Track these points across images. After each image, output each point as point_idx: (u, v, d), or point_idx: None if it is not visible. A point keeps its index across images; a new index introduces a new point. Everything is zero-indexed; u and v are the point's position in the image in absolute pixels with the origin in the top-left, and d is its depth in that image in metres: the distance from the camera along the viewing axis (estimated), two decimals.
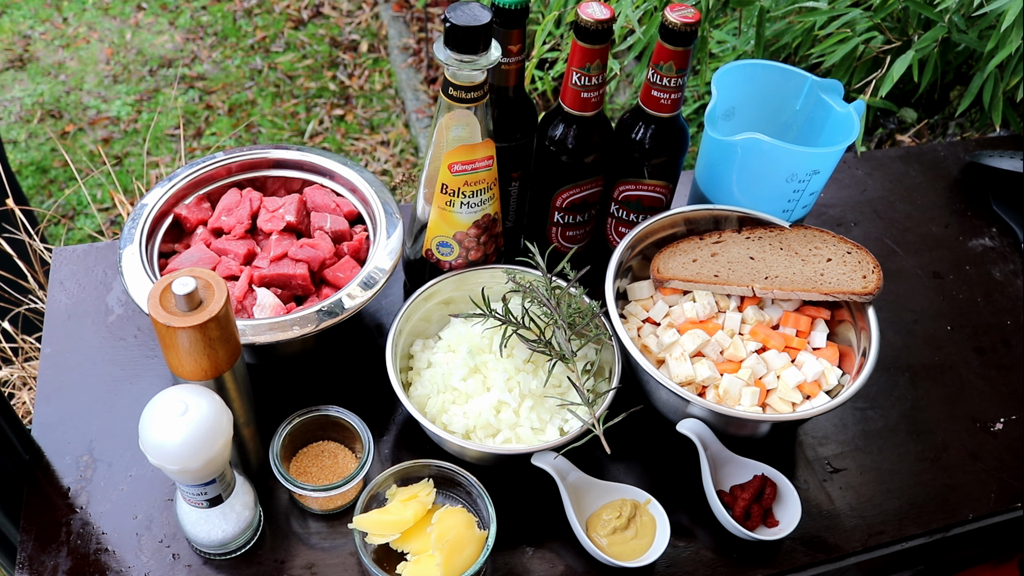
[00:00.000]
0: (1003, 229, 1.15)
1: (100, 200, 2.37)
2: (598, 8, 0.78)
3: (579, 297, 0.80)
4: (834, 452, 0.87)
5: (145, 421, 0.62)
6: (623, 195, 0.91)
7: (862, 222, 1.14)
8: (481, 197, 0.80)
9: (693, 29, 0.78)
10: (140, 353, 0.88)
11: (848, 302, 0.83)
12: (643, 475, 0.83)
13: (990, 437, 0.90)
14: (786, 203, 0.88)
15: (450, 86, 0.73)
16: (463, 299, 0.86)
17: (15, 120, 2.63)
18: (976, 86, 1.26)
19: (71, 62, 2.86)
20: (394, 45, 3.00)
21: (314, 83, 2.86)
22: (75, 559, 0.73)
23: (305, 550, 0.75)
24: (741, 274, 0.84)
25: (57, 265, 0.96)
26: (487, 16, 0.70)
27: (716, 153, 0.90)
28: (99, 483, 0.78)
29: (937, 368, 0.96)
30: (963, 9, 1.22)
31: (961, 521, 0.83)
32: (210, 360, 0.65)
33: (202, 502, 0.68)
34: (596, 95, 0.83)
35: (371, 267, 0.82)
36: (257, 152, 0.93)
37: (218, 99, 2.76)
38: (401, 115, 2.77)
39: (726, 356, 0.81)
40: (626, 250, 0.85)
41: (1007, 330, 1.01)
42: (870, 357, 0.78)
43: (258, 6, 3.17)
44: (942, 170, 1.23)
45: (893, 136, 1.73)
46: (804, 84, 0.91)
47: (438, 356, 0.81)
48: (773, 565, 0.78)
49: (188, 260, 0.84)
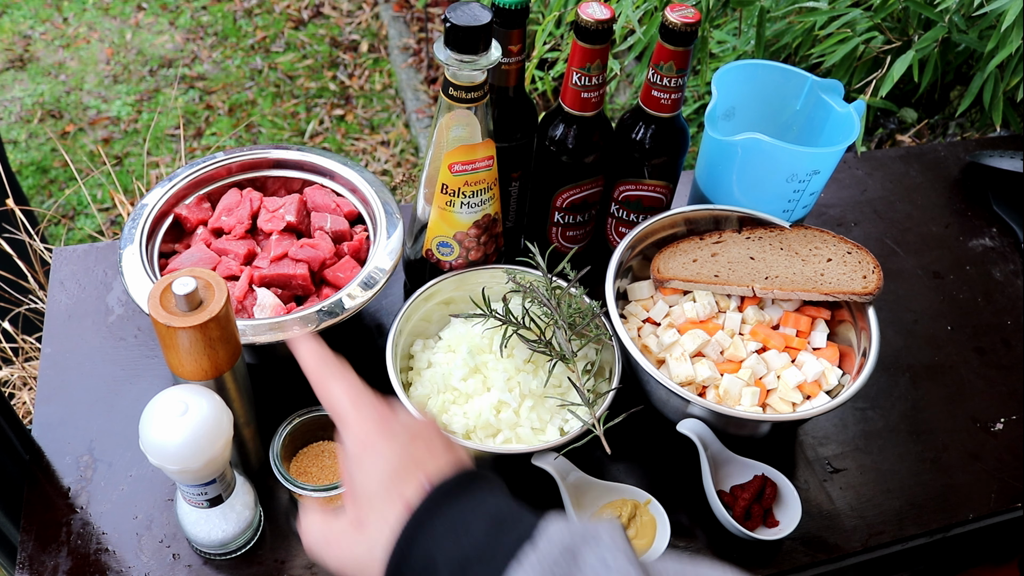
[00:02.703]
0: (1003, 229, 1.15)
1: (100, 200, 2.37)
2: (598, 8, 0.78)
3: (579, 297, 0.80)
4: (834, 452, 0.87)
5: (145, 421, 0.62)
6: (623, 195, 0.91)
7: (862, 222, 1.14)
8: (481, 197, 0.80)
9: (693, 29, 0.78)
10: (140, 353, 0.88)
11: (848, 302, 0.83)
12: (643, 475, 0.83)
13: (990, 437, 0.90)
14: (786, 203, 0.88)
15: (450, 86, 0.73)
16: (463, 299, 0.86)
17: (15, 120, 2.63)
18: (976, 86, 1.26)
19: (71, 62, 2.86)
20: (394, 45, 3.00)
21: (314, 83, 2.86)
22: (75, 559, 0.73)
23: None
24: (741, 274, 0.84)
25: (57, 265, 0.96)
26: (487, 16, 0.70)
27: (716, 153, 0.90)
28: (99, 483, 0.78)
29: (937, 368, 0.96)
30: (963, 9, 1.22)
31: (961, 521, 0.83)
32: (210, 360, 0.65)
33: (202, 502, 0.68)
34: (596, 95, 0.83)
35: (371, 267, 0.82)
36: (257, 152, 0.93)
37: (218, 99, 2.76)
38: (401, 115, 2.77)
39: (726, 356, 0.81)
40: (626, 250, 0.85)
41: (1007, 330, 1.01)
42: (870, 357, 0.78)
43: (258, 6, 3.17)
44: (942, 170, 1.23)
45: (893, 136, 1.73)
46: (804, 84, 0.91)
47: (438, 356, 0.81)
48: (773, 565, 0.78)
49: (188, 260, 0.84)
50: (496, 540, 0.42)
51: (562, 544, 0.40)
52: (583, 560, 0.39)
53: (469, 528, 0.43)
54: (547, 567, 0.39)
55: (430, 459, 0.48)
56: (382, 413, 0.50)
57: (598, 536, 0.40)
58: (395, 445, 0.48)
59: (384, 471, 0.47)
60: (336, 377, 0.52)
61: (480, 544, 0.42)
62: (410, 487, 0.46)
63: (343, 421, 0.50)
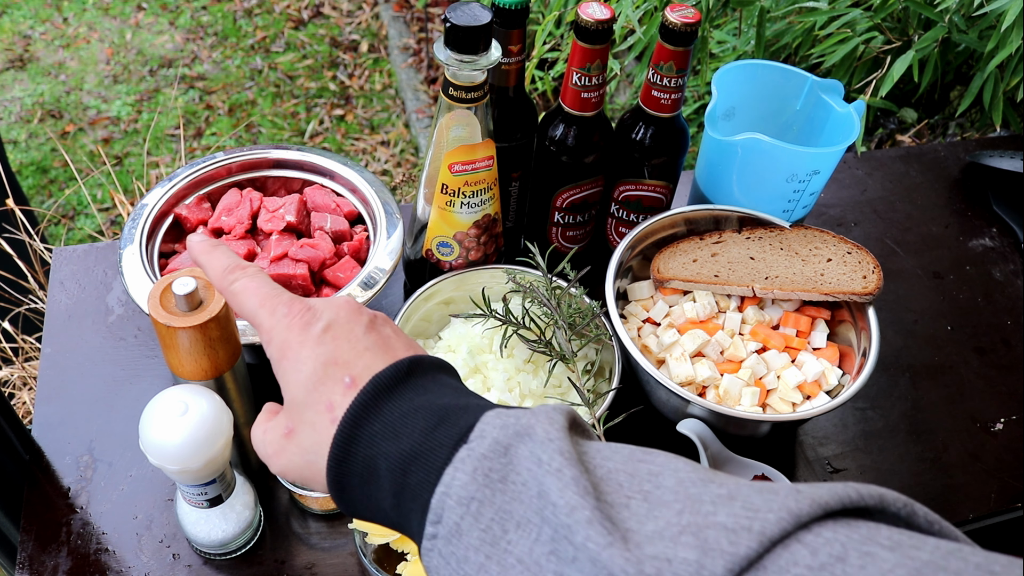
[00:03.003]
0: (1003, 229, 1.15)
1: (100, 200, 2.37)
2: (598, 8, 0.78)
3: (579, 297, 0.80)
4: (834, 452, 0.87)
5: (145, 421, 0.62)
6: (623, 195, 0.91)
7: (862, 222, 1.14)
8: (481, 197, 0.80)
9: (693, 29, 0.78)
10: (140, 353, 0.88)
11: (848, 302, 0.83)
12: None
13: (990, 437, 0.90)
14: (786, 203, 0.88)
15: (450, 86, 0.73)
16: (463, 299, 0.86)
17: (15, 120, 2.63)
18: (976, 86, 1.26)
19: (71, 62, 2.86)
20: (394, 45, 3.00)
21: (314, 83, 2.86)
22: (75, 559, 0.73)
23: (305, 550, 0.75)
24: (741, 274, 0.84)
25: (57, 265, 0.96)
26: (487, 16, 0.70)
27: (716, 153, 0.90)
28: (99, 483, 0.78)
29: (937, 368, 0.96)
30: (963, 9, 1.22)
31: (961, 521, 0.83)
32: (210, 360, 0.65)
33: (202, 502, 0.68)
34: (596, 95, 0.83)
35: (371, 267, 0.82)
36: (257, 152, 0.93)
37: (218, 99, 2.76)
38: (401, 115, 2.77)
39: (726, 356, 0.81)
40: (626, 250, 0.85)
41: (1007, 330, 1.01)
42: (870, 357, 0.78)
43: (258, 6, 3.17)
44: (942, 170, 1.23)
45: (893, 136, 1.73)
46: (804, 84, 0.91)
47: (438, 356, 0.81)
48: None
49: (188, 260, 0.84)
50: (433, 438, 0.40)
51: (495, 441, 0.38)
52: (515, 457, 0.37)
53: (408, 426, 0.40)
54: (480, 467, 0.37)
55: (355, 357, 0.44)
56: (295, 311, 0.46)
57: (531, 431, 0.38)
58: (313, 347, 0.44)
59: (304, 376, 0.44)
60: (243, 280, 0.48)
61: (418, 442, 0.40)
62: (335, 391, 0.43)
63: (258, 326, 0.47)
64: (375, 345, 0.45)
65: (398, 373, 0.43)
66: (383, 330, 0.47)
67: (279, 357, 0.46)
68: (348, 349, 0.44)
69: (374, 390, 0.42)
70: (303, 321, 0.45)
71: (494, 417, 0.40)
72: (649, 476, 0.37)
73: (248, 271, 0.49)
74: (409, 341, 0.48)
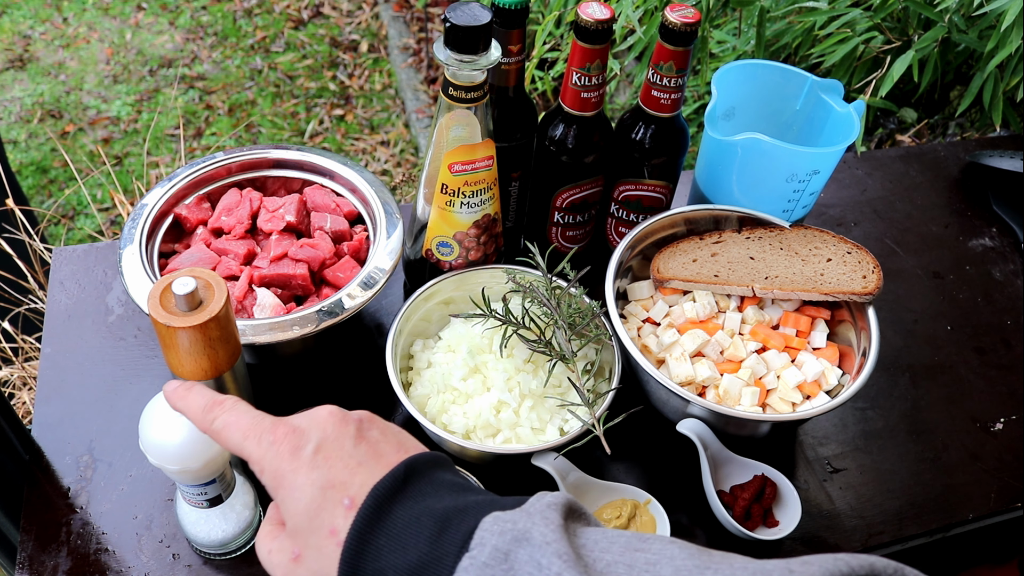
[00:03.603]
0: (1003, 229, 1.15)
1: (100, 200, 2.37)
2: (598, 8, 0.78)
3: (579, 297, 0.80)
4: (834, 452, 0.87)
5: (145, 421, 0.62)
6: (623, 195, 0.91)
7: (862, 222, 1.14)
8: (481, 197, 0.80)
9: (693, 29, 0.78)
10: (140, 353, 0.88)
11: (848, 302, 0.83)
12: (643, 475, 0.83)
13: (990, 437, 0.90)
14: (786, 203, 0.88)
15: (450, 86, 0.73)
16: (463, 299, 0.86)
17: (15, 120, 2.63)
18: (976, 86, 1.26)
19: (71, 62, 2.86)
20: (394, 45, 3.00)
21: (314, 83, 2.86)
22: (75, 559, 0.73)
23: None
24: (741, 274, 0.84)
25: (57, 265, 0.96)
26: (487, 16, 0.70)
27: (716, 153, 0.90)
28: (99, 483, 0.78)
29: (937, 368, 0.96)
30: (963, 9, 1.22)
31: (961, 521, 0.83)
32: (210, 360, 0.65)
33: (202, 502, 0.68)
34: (596, 95, 0.83)
35: (371, 267, 0.82)
36: (257, 152, 0.93)
37: (218, 99, 2.76)
38: (401, 115, 2.77)
39: (726, 356, 0.81)
40: (626, 250, 0.85)
41: (1007, 330, 1.01)
42: (870, 357, 0.78)
43: (258, 6, 3.17)
44: (942, 170, 1.23)
45: (893, 136, 1.73)
46: (804, 84, 0.91)
47: (438, 356, 0.81)
48: None
49: (188, 260, 0.84)
50: (438, 547, 0.40)
51: (495, 548, 0.39)
52: (516, 563, 0.38)
53: (412, 536, 0.41)
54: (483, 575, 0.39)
55: (349, 476, 0.44)
56: (280, 436, 0.46)
57: (529, 536, 0.39)
58: (307, 473, 0.44)
59: (304, 505, 0.44)
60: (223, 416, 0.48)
61: (424, 552, 0.40)
62: (336, 515, 0.43)
63: (248, 458, 0.47)
64: (367, 457, 0.45)
65: (395, 482, 0.44)
66: (370, 435, 0.47)
67: (275, 486, 0.46)
68: (342, 468, 0.44)
69: (375, 504, 0.43)
70: (291, 446, 0.46)
71: (492, 523, 0.40)
72: (647, 566, 0.38)
73: (225, 405, 0.49)
74: (398, 439, 0.47)
